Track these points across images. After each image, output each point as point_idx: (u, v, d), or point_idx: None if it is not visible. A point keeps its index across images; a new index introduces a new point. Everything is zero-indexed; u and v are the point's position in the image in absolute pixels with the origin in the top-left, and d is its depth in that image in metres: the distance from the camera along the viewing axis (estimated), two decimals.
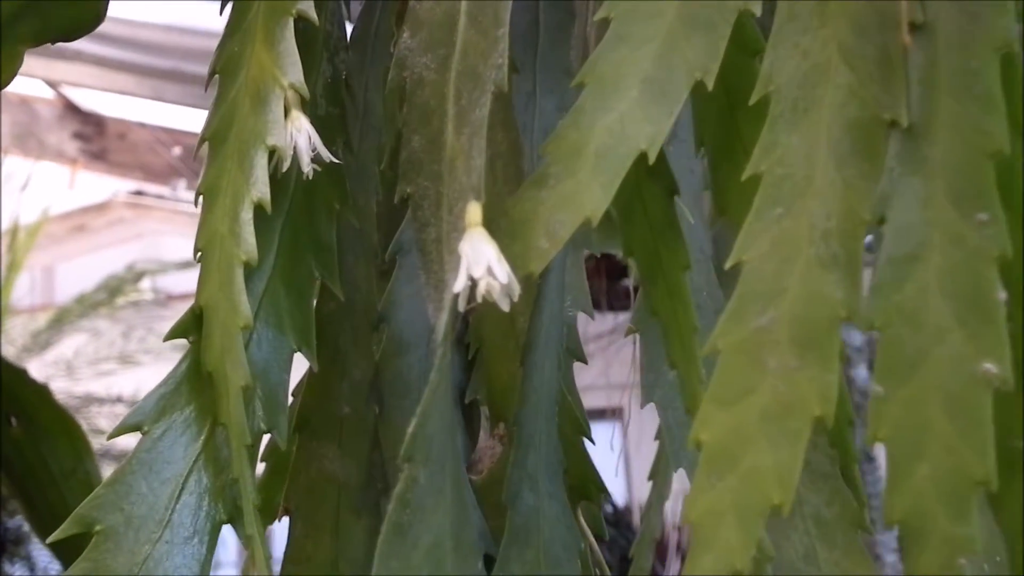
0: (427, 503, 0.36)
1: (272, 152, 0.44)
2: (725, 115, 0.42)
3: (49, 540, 0.40)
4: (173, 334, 0.44)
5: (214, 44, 0.48)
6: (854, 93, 0.35)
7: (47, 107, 4.38)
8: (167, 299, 4.17)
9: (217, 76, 0.47)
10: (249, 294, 0.43)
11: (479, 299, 0.36)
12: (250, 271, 0.43)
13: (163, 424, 0.42)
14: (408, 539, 0.35)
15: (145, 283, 4.17)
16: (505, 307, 0.36)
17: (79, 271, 4.59)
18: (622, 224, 0.45)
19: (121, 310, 4.01)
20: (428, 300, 0.41)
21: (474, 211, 0.37)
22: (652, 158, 0.38)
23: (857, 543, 0.59)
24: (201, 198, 0.45)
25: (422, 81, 0.42)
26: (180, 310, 0.45)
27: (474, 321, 0.52)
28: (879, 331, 0.34)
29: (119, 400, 3.56)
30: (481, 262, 0.35)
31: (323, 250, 0.47)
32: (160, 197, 5.15)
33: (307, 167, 0.44)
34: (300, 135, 0.45)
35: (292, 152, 0.44)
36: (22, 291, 4.11)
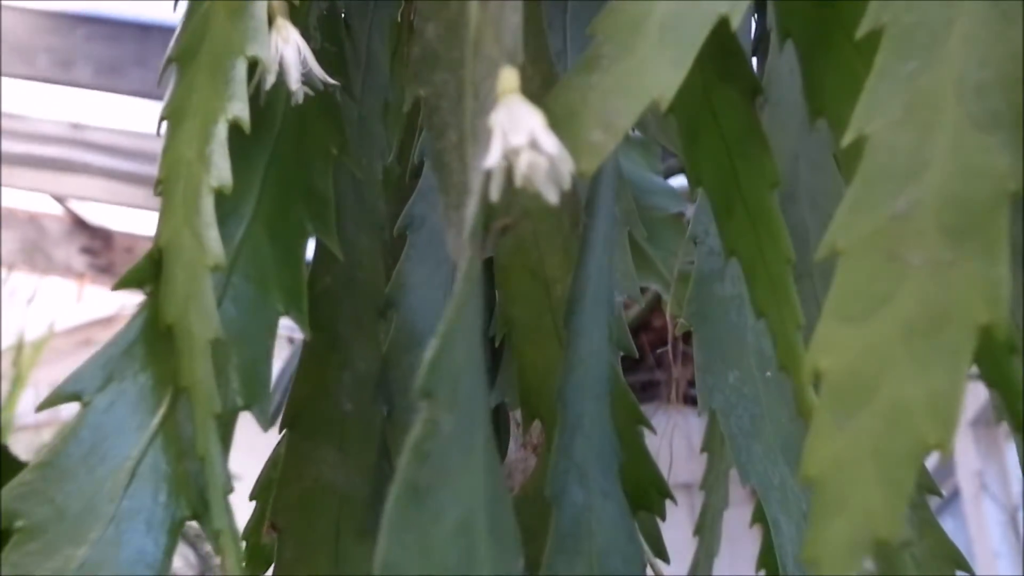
0: (453, 462, 0.26)
1: (253, 66, 0.35)
2: None
3: None
4: (123, 283, 0.34)
5: None
6: None
7: (55, 222, 4.34)
8: None
9: None
10: (223, 239, 0.34)
11: (518, 181, 0.27)
12: (224, 211, 0.34)
13: (110, 394, 0.33)
14: (428, 507, 0.25)
15: None
16: (552, 197, 0.27)
17: None
18: (686, 146, 0.36)
19: None
20: (448, 226, 0.32)
21: (509, 76, 0.28)
22: (735, 23, 0.30)
23: None
24: (165, 124, 0.36)
25: None
26: None
27: (501, 301, 0.43)
28: None
29: None
30: (521, 129, 0.27)
31: (317, 199, 0.38)
32: None
33: (296, 84, 0.36)
34: (288, 46, 0.36)
35: (278, 69, 0.36)
36: (27, 407, 4.02)
